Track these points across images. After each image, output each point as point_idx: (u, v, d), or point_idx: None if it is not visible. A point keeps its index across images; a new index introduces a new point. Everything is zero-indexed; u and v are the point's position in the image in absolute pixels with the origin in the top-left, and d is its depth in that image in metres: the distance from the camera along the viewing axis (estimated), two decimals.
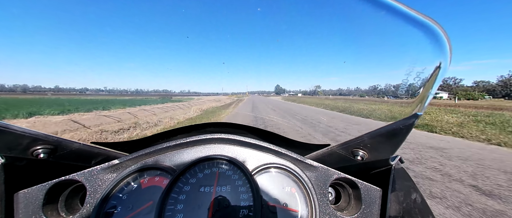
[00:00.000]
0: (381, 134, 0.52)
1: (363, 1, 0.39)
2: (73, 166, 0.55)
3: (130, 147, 0.68)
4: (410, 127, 0.46)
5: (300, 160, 0.62)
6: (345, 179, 0.60)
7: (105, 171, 0.56)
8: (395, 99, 0.50)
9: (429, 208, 0.52)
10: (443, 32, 0.37)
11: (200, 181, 0.57)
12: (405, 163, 0.57)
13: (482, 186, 3.13)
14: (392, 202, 0.53)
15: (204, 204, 0.53)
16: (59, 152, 0.50)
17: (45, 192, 0.49)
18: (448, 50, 0.37)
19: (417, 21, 0.37)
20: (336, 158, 0.65)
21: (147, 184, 0.57)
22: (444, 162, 4.18)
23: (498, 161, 4.28)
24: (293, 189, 0.60)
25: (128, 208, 0.52)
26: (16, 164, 0.47)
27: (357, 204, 0.58)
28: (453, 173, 3.59)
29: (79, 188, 0.55)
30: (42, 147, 0.47)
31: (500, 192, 2.92)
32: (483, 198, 2.76)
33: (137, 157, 0.59)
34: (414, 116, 0.45)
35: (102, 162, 0.57)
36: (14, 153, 0.45)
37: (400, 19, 0.38)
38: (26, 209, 0.48)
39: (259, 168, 0.62)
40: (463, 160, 4.36)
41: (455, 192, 2.92)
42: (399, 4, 0.37)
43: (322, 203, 0.58)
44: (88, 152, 0.57)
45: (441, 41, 0.37)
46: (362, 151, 0.58)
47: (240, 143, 0.65)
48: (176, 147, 0.62)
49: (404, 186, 0.55)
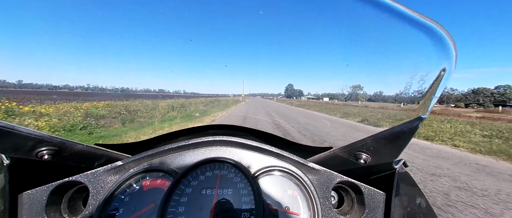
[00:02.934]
0: (385, 137, 0.52)
1: (366, 4, 0.39)
2: (76, 167, 0.55)
3: (133, 148, 0.68)
4: (414, 130, 0.46)
5: (302, 163, 0.62)
6: (348, 182, 0.59)
7: (108, 173, 0.56)
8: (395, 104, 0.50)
9: (434, 213, 0.51)
10: (448, 35, 0.36)
11: (202, 184, 0.57)
12: (409, 166, 0.56)
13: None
14: (396, 206, 0.52)
15: (206, 206, 0.53)
16: (63, 153, 0.50)
17: (49, 193, 0.50)
18: (453, 53, 0.37)
19: (421, 24, 0.37)
20: (338, 161, 0.65)
21: (149, 186, 0.57)
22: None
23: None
24: (295, 192, 0.60)
25: (130, 210, 0.52)
26: (20, 165, 0.47)
27: (360, 208, 0.57)
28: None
29: (82, 189, 0.56)
30: (46, 148, 0.47)
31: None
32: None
33: (140, 159, 0.59)
34: (418, 119, 0.44)
35: (105, 164, 0.57)
36: (19, 154, 0.46)
37: (404, 22, 0.38)
38: (29, 210, 0.48)
39: (261, 171, 0.62)
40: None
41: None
42: (403, 7, 0.37)
43: (325, 207, 0.57)
44: (91, 154, 0.57)
45: (446, 44, 0.37)
46: (365, 154, 0.58)
47: (242, 146, 0.65)
48: (178, 149, 0.63)
49: (408, 190, 0.54)
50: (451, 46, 0.36)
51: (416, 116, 0.46)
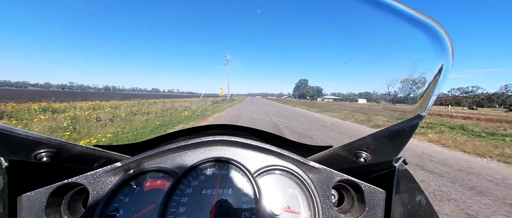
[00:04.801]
0: (384, 135, 0.52)
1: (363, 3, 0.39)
2: (75, 169, 0.55)
3: (132, 149, 0.68)
4: (413, 128, 0.46)
5: (302, 161, 0.62)
6: (348, 181, 0.60)
7: (107, 174, 0.56)
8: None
9: (434, 210, 0.51)
10: (444, 32, 0.36)
11: (202, 184, 0.57)
12: (409, 164, 0.56)
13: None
14: (396, 204, 0.53)
15: (206, 206, 0.53)
16: (62, 155, 0.50)
17: (48, 195, 0.49)
18: (450, 50, 0.37)
19: (418, 21, 0.37)
20: (338, 160, 0.65)
21: (149, 187, 0.57)
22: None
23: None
24: (296, 191, 0.60)
25: (131, 211, 0.52)
26: (19, 167, 0.47)
27: (361, 206, 0.57)
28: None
29: (82, 191, 0.55)
30: (45, 150, 0.47)
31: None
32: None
33: (139, 160, 0.59)
34: (418, 117, 0.45)
35: (105, 165, 0.57)
36: (17, 156, 0.45)
37: (401, 19, 0.38)
38: (29, 212, 0.48)
39: (261, 170, 0.62)
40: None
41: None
42: (399, 4, 0.37)
43: (325, 205, 0.57)
44: (90, 155, 0.57)
45: (443, 41, 0.37)
46: (365, 153, 0.58)
47: (242, 145, 0.65)
48: (178, 149, 0.62)
49: (408, 188, 0.54)
50: (448, 43, 0.36)
51: (416, 114, 0.46)
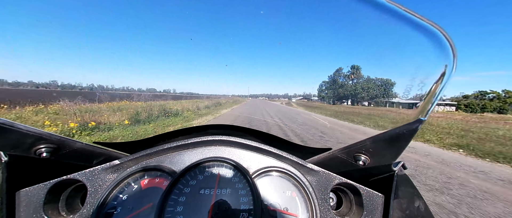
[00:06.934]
0: (384, 139, 0.51)
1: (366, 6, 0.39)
2: (74, 165, 0.55)
3: (132, 147, 0.68)
4: (413, 132, 0.45)
5: (301, 163, 0.62)
6: (346, 184, 0.59)
7: (106, 171, 0.56)
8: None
9: (433, 216, 0.51)
10: (446, 36, 0.36)
11: (201, 183, 0.57)
12: (408, 169, 0.56)
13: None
14: (394, 209, 0.52)
15: (204, 206, 0.53)
16: (61, 151, 0.50)
17: (47, 191, 0.50)
18: (452, 55, 0.37)
19: (420, 25, 0.37)
20: (337, 163, 0.65)
21: (147, 185, 0.57)
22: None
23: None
24: (294, 193, 0.60)
25: (128, 209, 0.52)
26: (18, 162, 0.47)
27: (359, 210, 0.57)
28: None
29: (80, 187, 0.55)
30: (45, 146, 0.47)
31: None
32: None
33: (138, 158, 0.59)
34: (418, 121, 0.44)
35: (104, 162, 0.57)
36: (18, 151, 0.46)
37: (403, 23, 0.38)
38: (27, 208, 0.48)
39: (259, 171, 0.61)
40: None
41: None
42: (401, 8, 0.37)
43: (323, 208, 0.57)
44: (90, 152, 0.57)
45: (446, 46, 0.36)
46: (364, 156, 0.57)
47: (241, 146, 0.65)
48: (177, 149, 0.62)
49: (407, 192, 0.54)
50: (451, 48, 0.36)
51: (416, 118, 0.46)
